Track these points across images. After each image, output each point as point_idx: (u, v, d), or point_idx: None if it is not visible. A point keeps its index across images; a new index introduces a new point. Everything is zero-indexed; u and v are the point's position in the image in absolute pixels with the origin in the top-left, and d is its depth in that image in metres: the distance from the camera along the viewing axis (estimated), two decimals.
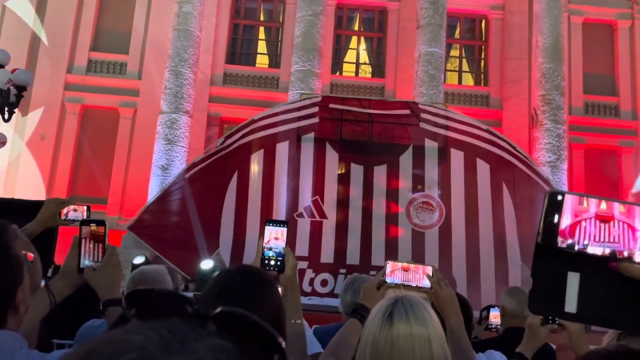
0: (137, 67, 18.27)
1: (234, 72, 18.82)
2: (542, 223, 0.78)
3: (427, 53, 16.50)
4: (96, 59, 18.47)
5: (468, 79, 19.88)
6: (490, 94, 19.09)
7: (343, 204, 10.07)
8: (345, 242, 9.78)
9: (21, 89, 9.58)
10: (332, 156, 10.10)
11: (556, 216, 0.78)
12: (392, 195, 10.10)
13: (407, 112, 10.44)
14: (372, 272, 9.34)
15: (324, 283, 9.51)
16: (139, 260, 9.70)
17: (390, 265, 1.97)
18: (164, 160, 15.49)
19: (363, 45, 19.96)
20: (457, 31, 20.04)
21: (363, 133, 10.32)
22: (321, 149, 10.10)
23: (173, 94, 16.26)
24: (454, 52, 19.95)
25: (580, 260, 0.79)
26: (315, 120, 10.24)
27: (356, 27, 20.07)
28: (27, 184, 16.70)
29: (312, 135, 10.17)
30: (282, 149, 10.05)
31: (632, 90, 19.21)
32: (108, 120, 17.97)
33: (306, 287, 9.30)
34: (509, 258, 9.59)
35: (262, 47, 19.68)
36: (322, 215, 9.88)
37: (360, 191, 10.03)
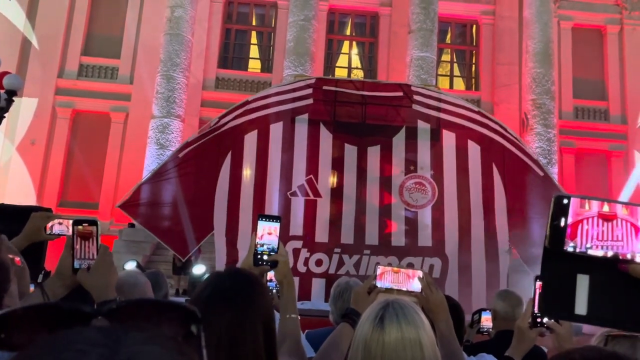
0: (129, 72, 18.21)
1: (226, 76, 18.81)
2: (549, 227, 0.79)
3: (419, 58, 16.58)
4: (87, 63, 18.39)
5: (459, 84, 19.99)
6: (481, 98, 19.20)
7: (337, 183, 10.07)
8: (340, 221, 9.78)
9: (11, 93, 9.52)
10: (326, 137, 10.10)
11: (563, 220, 0.79)
12: (386, 177, 10.14)
13: (400, 94, 10.46)
14: (365, 252, 9.41)
15: (318, 263, 9.48)
16: (130, 265, 9.63)
17: (380, 269, 1.98)
18: (156, 165, 15.39)
19: (355, 50, 20.02)
20: (449, 36, 20.15)
21: (356, 115, 10.32)
22: (315, 130, 10.10)
23: (165, 99, 16.21)
24: (445, 57, 20.07)
25: (589, 262, 0.80)
26: (309, 101, 10.22)
27: (348, 32, 20.14)
28: (17, 189, 16.57)
29: (305, 116, 10.16)
30: (276, 130, 10.02)
31: (622, 94, 19.38)
32: (99, 125, 17.89)
33: (301, 267, 9.28)
34: (498, 240, 9.70)
35: (254, 51, 19.69)
36: (317, 194, 9.87)
37: (354, 172, 10.04)
